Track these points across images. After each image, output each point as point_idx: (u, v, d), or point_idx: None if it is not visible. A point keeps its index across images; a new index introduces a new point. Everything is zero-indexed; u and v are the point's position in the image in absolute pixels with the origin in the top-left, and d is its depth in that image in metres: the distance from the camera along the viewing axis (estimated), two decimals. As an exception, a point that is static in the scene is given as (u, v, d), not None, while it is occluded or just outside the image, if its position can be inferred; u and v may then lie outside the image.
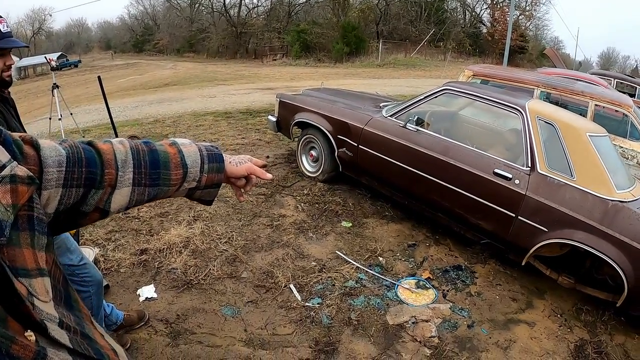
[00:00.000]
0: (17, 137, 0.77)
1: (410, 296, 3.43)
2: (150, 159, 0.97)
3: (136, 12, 67.92)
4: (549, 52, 13.68)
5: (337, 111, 5.11)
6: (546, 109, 3.84)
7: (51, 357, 0.63)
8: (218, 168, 1.09)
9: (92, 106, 12.66)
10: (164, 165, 0.98)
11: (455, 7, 46.39)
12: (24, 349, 0.59)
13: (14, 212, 0.65)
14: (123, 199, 0.93)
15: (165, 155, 1.00)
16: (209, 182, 1.08)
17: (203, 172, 1.05)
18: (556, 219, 3.29)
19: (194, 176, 1.04)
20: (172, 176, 1.00)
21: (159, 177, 0.98)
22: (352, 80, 20.20)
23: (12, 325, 0.60)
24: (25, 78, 44.10)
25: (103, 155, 0.89)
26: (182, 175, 1.01)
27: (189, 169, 1.02)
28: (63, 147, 0.84)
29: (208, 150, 1.09)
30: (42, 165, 0.78)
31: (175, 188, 1.02)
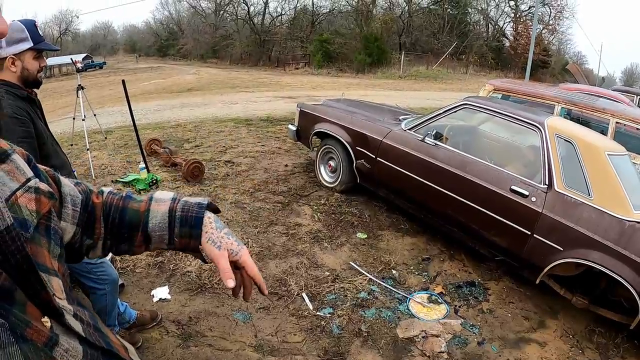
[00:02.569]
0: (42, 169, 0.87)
1: (421, 310, 3.42)
2: (119, 217, 0.97)
3: (161, 17, 68.94)
4: (572, 67, 13.54)
5: (356, 123, 5.14)
6: (565, 126, 3.82)
7: (62, 344, 0.67)
8: (190, 234, 0.95)
9: (116, 108, 12.88)
10: (129, 225, 0.96)
11: (478, 20, 46.24)
12: (37, 334, 0.63)
13: (37, 217, 0.73)
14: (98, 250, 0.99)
15: (134, 214, 0.97)
16: (184, 246, 0.97)
17: (174, 236, 0.96)
18: (572, 238, 3.26)
19: (160, 239, 0.96)
20: (135, 237, 0.97)
21: (124, 236, 0.97)
22: (373, 91, 20.23)
23: (30, 311, 0.64)
24: (51, 77, 44.96)
25: (96, 211, 0.96)
26: (143, 238, 0.97)
27: (149, 232, 0.96)
28: (79, 190, 0.94)
29: (185, 211, 0.96)
30: (62, 200, 0.88)
31: (141, 248, 0.99)
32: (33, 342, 0.61)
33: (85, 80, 21.20)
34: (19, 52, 2.03)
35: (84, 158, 6.34)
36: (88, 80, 23.96)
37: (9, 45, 1.99)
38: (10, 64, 2.03)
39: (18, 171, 0.75)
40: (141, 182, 5.43)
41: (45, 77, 44.59)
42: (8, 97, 2.01)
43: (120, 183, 5.57)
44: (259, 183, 5.76)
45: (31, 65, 2.09)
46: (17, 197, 0.71)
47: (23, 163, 0.78)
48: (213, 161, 6.68)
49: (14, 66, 2.04)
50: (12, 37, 1.98)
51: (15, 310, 0.61)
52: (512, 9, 44.62)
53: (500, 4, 44.94)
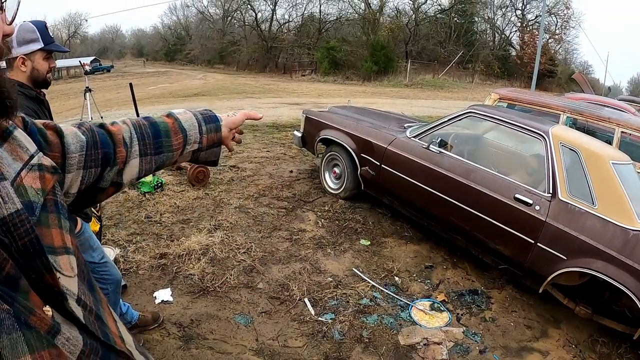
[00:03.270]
0: (40, 125, 0.87)
1: (423, 318, 3.42)
2: (152, 131, 1.07)
3: (170, 22, 69.46)
4: (578, 76, 13.53)
5: (361, 130, 5.15)
6: (570, 135, 3.82)
7: (64, 333, 0.67)
8: (216, 127, 1.18)
9: (122, 111, 12.97)
10: (165, 133, 1.09)
11: (485, 29, 46.30)
12: (40, 321, 0.63)
13: (43, 195, 0.74)
14: (133, 170, 1.04)
15: (164, 125, 1.10)
16: (210, 141, 1.17)
17: (202, 134, 1.15)
18: (575, 247, 3.25)
19: (194, 138, 1.13)
20: (173, 142, 1.10)
21: (162, 145, 1.08)
22: (379, 99, 20.27)
23: (33, 299, 0.64)
24: (59, 79, 45.29)
25: (114, 136, 1.01)
26: (183, 140, 1.11)
27: (187, 133, 1.12)
28: (82, 131, 0.96)
29: (203, 114, 1.19)
30: (65, 151, 0.89)
31: (178, 153, 1.12)
32: (36, 329, 0.62)
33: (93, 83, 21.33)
34: (29, 53, 2.06)
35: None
36: (95, 83, 24.06)
37: (20, 45, 2.02)
38: (20, 63, 2.06)
39: (20, 149, 0.75)
40: (146, 185, 5.45)
41: (54, 79, 44.89)
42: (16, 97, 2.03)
43: (125, 186, 5.58)
44: (264, 188, 5.77)
45: (41, 66, 2.12)
46: (22, 178, 0.72)
47: (24, 137, 0.78)
48: (218, 165, 6.66)
49: (24, 66, 2.07)
50: (23, 38, 2.01)
51: (20, 297, 0.61)
52: (518, 18, 44.74)
53: (507, 13, 45.11)
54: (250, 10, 50.90)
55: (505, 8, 44.66)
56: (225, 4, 53.29)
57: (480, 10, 44.77)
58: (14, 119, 0.77)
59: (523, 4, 43.74)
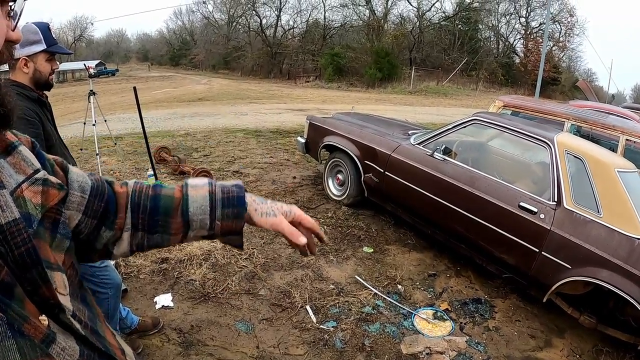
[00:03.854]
0: (49, 157, 0.85)
1: (426, 326, 3.38)
2: (151, 204, 0.93)
3: (175, 26, 69.97)
4: (582, 84, 13.51)
5: (365, 136, 5.13)
6: (575, 142, 3.79)
7: (59, 342, 0.67)
8: (235, 214, 0.94)
9: (126, 115, 12.99)
10: (165, 211, 0.92)
11: (489, 37, 46.40)
12: (35, 330, 0.62)
13: (41, 211, 0.73)
14: (125, 243, 0.93)
15: (168, 200, 0.94)
16: (226, 229, 0.94)
17: (216, 219, 0.93)
18: (580, 256, 3.21)
19: (201, 224, 0.93)
20: (172, 224, 0.93)
21: (157, 224, 0.92)
22: (383, 105, 20.26)
23: (28, 308, 0.63)
24: (64, 82, 45.52)
25: (118, 200, 0.93)
26: (182, 224, 0.93)
27: (190, 217, 0.92)
28: (90, 177, 0.91)
29: (225, 192, 0.95)
30: (68, 187, 0.85)
31: (178, 237, 0.94)
32: (30, 338, 0.61)
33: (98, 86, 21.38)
34: (31, 54, 2.05)
35: (93, 163, 6.38)
36: (100, 87, 24.20)
37: (23, 46, 2.01)
38: (22, 65, 2.05)
39: (25, 163, 0.75)
40: (149, 190, 5.43)
41: (58, 82, 45.25)
42: (18, 98, 2.02)
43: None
44: (266, 194, 5.75)
45: (43, 68, 2.10)
46: (22, 190, 0.71)
47: (30, 154, 0.77)
48: (221, 171, 6.69)
49: (26, 67, 2.06)
50: (25, 39, 2.00)
51: (14, 305, 0.61)
52: (522, 25, 44.82)
53: (511, 21, 45.23)
54: (255, 16, 51.14)
55: (509, 15, 44.86)
56: (231, 10, 53.57)
57: (484, 18, 44.90)
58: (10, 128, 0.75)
59: (527, 12, 43.90)
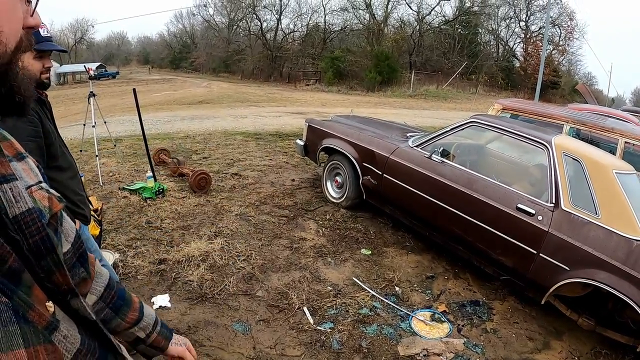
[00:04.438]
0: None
1: (424, 328, 3.37)
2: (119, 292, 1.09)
3: (175, 29, 70.18)
4: (581, 87, 13.51)
5: (364, 139, 5.14)
6: (573, 144, 3.79)
7: (62, 330, 0.68)
8: (167, 335, 1.19)
9: (126, 117, 13.00)
10: (127, 302, 1.11)
11: (489, 40, 46.52)
12: (39, 317, 0.64)
13: (49, 213, 0.78)
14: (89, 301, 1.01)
15: (129, 296, 1.13)
16: (156, 342, 1.16)
17: (154, 331, 1.15)
18: (578, 257, 3.21)
19: (146, 326, 1.14)
20: (129, 314, 1.10)
21: (120, 307, 1.08)
22: (382, 109, 20.29)
23: (36, 293, 0.66)
24: (64, 84, 45.69)
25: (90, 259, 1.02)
26: (137, 318, 1.12)
27: (143, 316, 1.13)
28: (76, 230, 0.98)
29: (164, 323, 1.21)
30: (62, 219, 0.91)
31: (128, 325, 1.10)
32: (34, 324, 0.62)
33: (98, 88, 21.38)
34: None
35: (92, 164, 6.39)
36: (100, 89, 24.16)
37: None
38: None
39: (32, 172, 0.80)
40: (148, 191, 5.44)
41: (59, 84, 45.36)
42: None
43: (127, 190, 5.58)
44: (265, 196, 5.76)
45: (32, 66, 2.02)
46: (33, 191, 0.75)
47: (35, 167, 0.83)
48: (220, 173, 6.70)
49: None
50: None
51: (21, 291, 0.62)
52: (522, 29, 44.93)
53: (511, 25, 45.34)
54: (255, 19, 51.31)
55: (509, 19, 45.00)
56: (231, 13, 53.70)
57: (484, 22, 45.04)
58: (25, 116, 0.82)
59: (527, 16, 44.01)
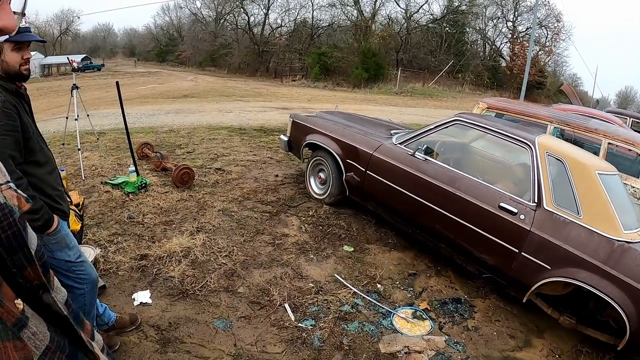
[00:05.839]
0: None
1: (405, 326, 3.37)
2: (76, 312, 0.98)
3: (162, 22, 69.31)
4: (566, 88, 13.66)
5: (347, 135, 5.12)
6: (556, 144, 3.81)
7: (30, 327, 0.69)
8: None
9: (110, 110, 12.83)
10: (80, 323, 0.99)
11: (476, 40, 46.75)
12: (8, 313, 0.64)
13: (19, 212, 0.77)
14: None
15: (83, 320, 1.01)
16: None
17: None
18: (560, 257, 3.23)
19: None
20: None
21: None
22: (368, 106, 20.30)
23: (5, 291, 0.65)
24: (49, 76, 45.02)
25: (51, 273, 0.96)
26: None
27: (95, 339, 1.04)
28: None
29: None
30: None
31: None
32: (2, 321, 0.62)
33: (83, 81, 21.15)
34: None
35: (75, 158, 6.30)
36: (85, 82, 23.85)
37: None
38: None
39: (0, 172, 0.79)
40: (130, 185, 5.38)
41: (43, 75, 44.73)
42: None
43: (110, 184, 5.51)
44: (248, 192, 5.72)
45: (11, 58, 2.01)
46: (2, 190, 0.74)
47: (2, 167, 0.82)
48: (204, 168, 6.64)
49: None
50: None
51: None
52: (509, 29, 45.23)
53: (498, 25, 45.59)
54: (243, 13, 50.93)
55: (497, 19, 45.23)
56: (219, 7, 53.25)
57: (471, 21, 45.25)
58: None
59: (514, 16, 44.32)
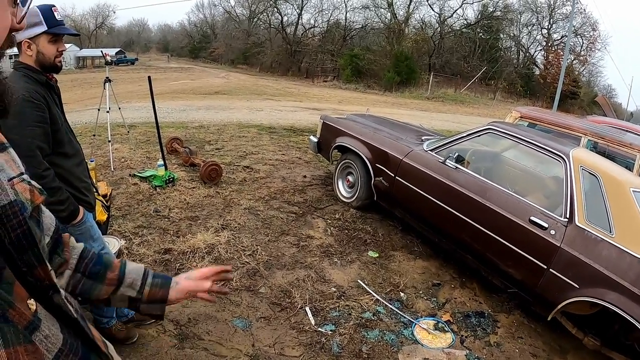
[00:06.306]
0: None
1: (426, 337, 3.32)
2: (96, 258, 1.08)
3: (196, 19, 70.39)
4: (601, 99, 13.28)
5: (378, 139, 5.08)
6: (591, 158, 3.70)
7: (43, 330, 0.67)
8: (162, 284, 1.15)
9: (142, 104, 13.03)
10: (105, 264, 1.08)
11: (510, 46, 45.96)
12: (19, 316, 0.62)
13: (31, 206, 0.77)
14: (64, 280, 1.02)
15: (109, 260, 1.11)
16: (152, 296, 1.13)
17: (145, 285, 1.11)
18: (589, 276, 3.12)
19: (133, 284, 1.10)
20: (108, 275, 1.07)
21: (98, 272, 1.06)
22: (399, 110, 20.15)
23: (17, 291, 0.64)
24: (83, 68, 46.11)
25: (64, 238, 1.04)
26: (117, 277, 1.08)
27: (125, 275, 1.10)
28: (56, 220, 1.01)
29: (155, 272, 1.17)
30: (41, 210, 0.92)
31: (110, 289, 1.07)
32: (14, 324, 0.60)
33: (116, 74, 21.55)
34: (33, 36, 2.03)
35: (105, 149, 6.41)
36: (118, 75, 24.32)
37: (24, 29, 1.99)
38: (25, 47, 2.04)
39: (14, 163, 0.80)
40: (158, 179, 5.44)
41: (78, 68, 45.85)
42: (25, 81, 2.01)
43: (138, 177, 5.58)
44: (275, 191, 5.72)
45: (47, 50, 2.08)
46: (15, 183, 0.74)
47: (17, 158, 0.83)
48: (232, 165, 6.68)
49: (29, 50, 2.05)
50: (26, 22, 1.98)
51: (1, 289, 0.60)
52: (544, 37, 44.29)
53: (533, 32, 44.73)
54: (276, 12, 51.17)
55: (531, 26, 44.35)
56: (252, 5, 53.66)
57: (506, 27, 44.50)
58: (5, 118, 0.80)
59: (549, 23, 43.36)
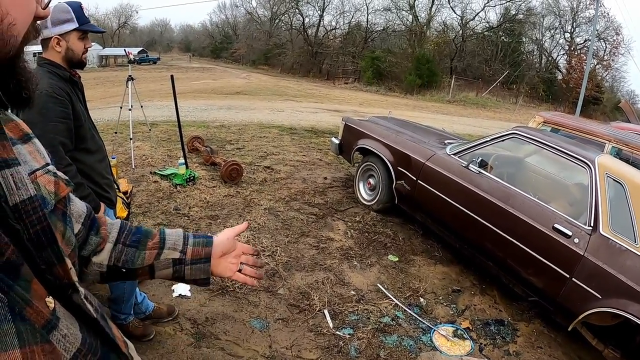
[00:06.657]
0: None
1: (445, 344, 3.28)
2: (134, 228, 1.08)
3: (218, 20, 71.08)
4: (624, 105, 12.97)
5: (400, 142, 5.05)
6: (616, 166, 3.62)
7: (61, 329, 0.64)
8: (205, 242, 1.10)
9: (164, 102, 13.17)
10: (145, 233, 1.07)
11: (532, 50, 45.40)
12: (37, 314, 0.60)
13: (55, 199, 0.76)
14: (105, 254, 1.01)
15: (149, 229, 1.09)
16: (195, 254, 1.08)
17: (187, 245, 1.07)
18: (612, 286, 3.05)
19: (174, 244, 1.07)
20: (149, 243, 1.05)
21: (139, 240, 1.04)
22: (420, 113, 20.05)
23: (35, 288, 0.61)
24: (106, 67, 46.88)
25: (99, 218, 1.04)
26: (159, 241, 1.06)
27: (166, 237, 1.07)
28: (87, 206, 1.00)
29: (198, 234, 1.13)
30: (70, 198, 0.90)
31: (154, 253, 1.05)
32: (31, 323, 0.58)
33: (138, 73, 21.81)
34: (64, 33, 2.07)
35: (126, 147, 6.49)
36: (141, 74, 24.66)
37: (54, 25, 2.04)
38: (55, 44, 2.07)
39: (39, 154, 0.78)
40: (179, 177, 5.48)
41: (101, 66, 46.64)
42: (49, 77, 2.04)
43: (158, 175, 5.63)
44: (296, 192, 5.73)
45: (76, 46, 2.12)
46: (37, 176, 0.73)
47: (42, 148, 0.81)
48: (253, 165, 6.70)
49: (58, 46, 2.08)
50: (57, 18, 2.03)
51: (18, 286, 0.58)
52: (567, 41, 43.63)
53: (555, 36, 44.10)
54: (298, 14, 51.40)
55: (554, 30, 43.75)
56: (274, 7, 53.94)
57: (528, 31, 43.99)
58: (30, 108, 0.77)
59: (572, 27, 42.70)
